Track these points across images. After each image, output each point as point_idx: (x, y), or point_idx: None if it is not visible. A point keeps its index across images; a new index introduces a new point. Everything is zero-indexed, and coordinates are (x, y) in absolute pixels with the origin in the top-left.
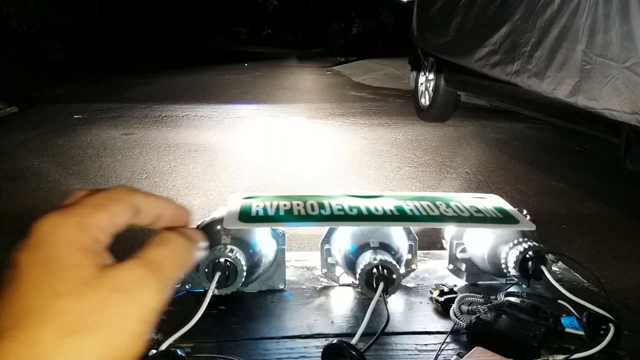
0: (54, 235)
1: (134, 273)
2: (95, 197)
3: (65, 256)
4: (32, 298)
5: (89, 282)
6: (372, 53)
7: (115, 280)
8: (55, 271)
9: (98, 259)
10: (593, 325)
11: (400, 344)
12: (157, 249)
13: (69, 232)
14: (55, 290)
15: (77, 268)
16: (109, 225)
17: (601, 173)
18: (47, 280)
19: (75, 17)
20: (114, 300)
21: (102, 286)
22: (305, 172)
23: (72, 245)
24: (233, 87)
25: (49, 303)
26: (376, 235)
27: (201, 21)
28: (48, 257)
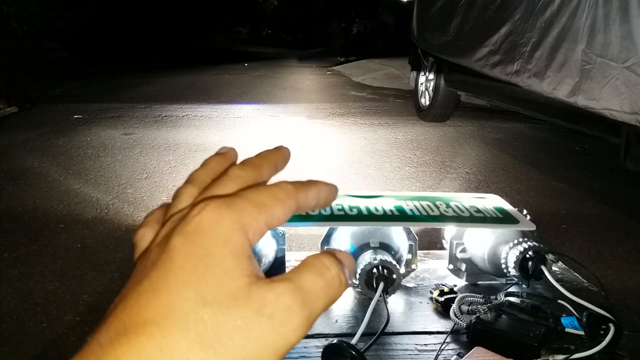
0: (212, 230)
1: (284, 299)
2: (261, 194)
3: (220, 257)
4: (178, 297)
5: (237, 296)
6: (372, 53)
7: (262, 302)
8: (207, 272)
9: (249, 267)
10: (593, 325)
11: (400, 344)
12: (312, 278)
13: (227, 230)
14: (204, 297)
15: (229, 275)
16: (264, 228)
17: (601, 173)
18: (198, 281)
19: (75, 17)
20: (257, 324)
21: (249, 305)
22: (305, 172)
23: (229, 246)
24: (233, 87)
25: (194, 309)
26: (376, 235)
27: (201, 21)
28: (203, 253)
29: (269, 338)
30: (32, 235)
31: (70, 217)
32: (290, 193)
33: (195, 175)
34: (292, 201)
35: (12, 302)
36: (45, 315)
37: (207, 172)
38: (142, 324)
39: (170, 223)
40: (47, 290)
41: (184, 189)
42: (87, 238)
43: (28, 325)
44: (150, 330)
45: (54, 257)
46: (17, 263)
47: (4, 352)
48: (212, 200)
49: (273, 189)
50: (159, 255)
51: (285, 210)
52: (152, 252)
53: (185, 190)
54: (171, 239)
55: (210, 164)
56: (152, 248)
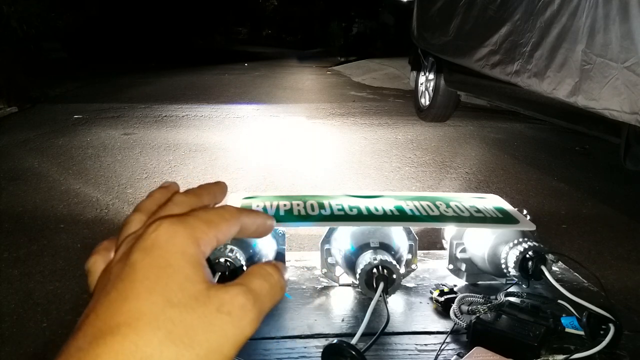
0: (169, 243)
1: (238, 299)
2: (208, 213)
3: (179, 266)
4: (147, 301)
5: (199, 298)
6: (372, 53)
7: (221, 301)
8: (169, 280)
9: (205, 275)
10: (593, 325)
11: (400, 344)
12: (259, 281)
13: (183, 243)
14: (169, 299)
15: (189, 281)
16: (214, 242)
17: (601, 173)
18: (162, 287)
19: (75, 17)
20: (218, 320)
21: (209, 304)
22: (305, 172)
23: (186, 257)
24: (233, 87)
25: (162, 310)
26: (376, 235)
27: (201, 21)
28: (164, 264)
29: (229, 331)
30: (32, 235)
31: (70, 217)
32: (234, 214)
33: (141, 205)
34: (235, 220)
35: (12, 302)
36: (45, 315)
37: (152, 202)
38: (117, 326)
39: (125, 243)
40: (47, 290)
41: (133, 217)
42: (87, 238)
43: (28, 325)
44: (124, 331)
45: (54, 257)
46: (17, 263)
47: (4, 352)
48: (166, 218)
49: (219, 209)
50: (122, 269)
51: (230, 228)
52: (114, 268)
53: (134, 217)
54: (131, 254)
55: (155, 194)
56: (112, 266)
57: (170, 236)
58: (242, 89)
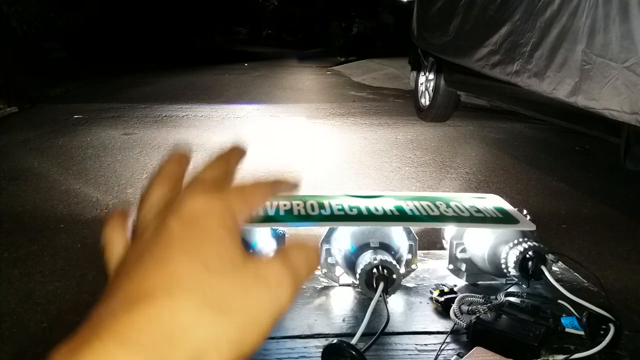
0: (207, 215)
1: (275, 268)
2: (244, 187)
3: (218, 235)
4: (184, 266)
5: (237, 265)
6: (372, 53)
7: (258, 269)
8: (208, 247)
9: (241, 245)
10: (593, 325)
11: (400, 344)
12: (296, 254)
13: (221, 214)
14: (206, 264)
15: (227, 249)
16: (247, 216)
17: (601, 173)
18: (200, 253)
19: (75, 17)
20: (255, 287)
21: (247, 272)
22: (305, 172)
23: (224, 228)
24: (233, 87)
25: (199, 275)
26: (376, 235)
27: (201, 21)
28: (202, 233)
29: (265, 301)
30: (32, 235)
31: (70, 217)
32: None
33: (160, 174)
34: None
35: (12, 302)
36: (45, 315)
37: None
38: (152, 290)
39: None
40: (47, 290)
41: (153, 190)
42: (87, 238)
43: (28, 325)
44: (160, 296)
45: (54, 257)
46: (17, 263)
47: (4, 352)
48: (202, 192)
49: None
50: (157, 234)
51: (263, 201)
52: (146, 233)
53: (155, 190)
54: (166, 223)
55: (169, 167)
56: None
57: (208, 208)
58: (242, 89)
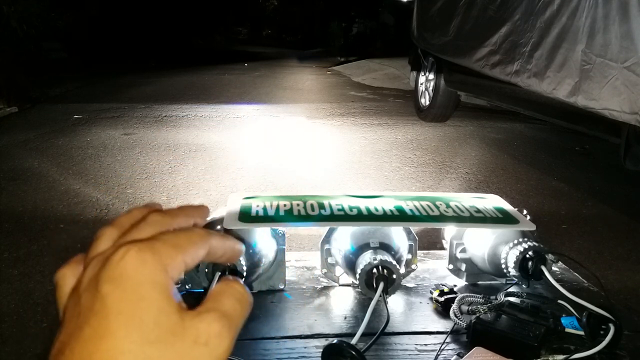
0: (138, 273)
1: (214, 327)
2: (177, 236)
3: (152, 299)
4: (124, 340)
5: (175, 331)
6: (372, 53)
7: (198, 333)
8: (144, 315)
9: (176, 303)
10: (593, 325)
11: (400, 344)
12: (230, 302)
13: (152, 272)
14: (146, 336)
15: (163, 313)
16: (182, 268)
17: (601, 173)
18: (138, 323)
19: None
20: (196, 353)
21: (186, 337)
22: (305, 172)
23: (157, 288)
24: (233, 87)
25: (141, 349)
26: (376, 235)
27: (201, 21)
28: (136, 297)
29: None
30: (32, 235)
31: (70, 217)
32: (204, 237)
33: (117, 220)
34: (204, 244)
35: (12, 302)
36: (45, 315)
37: (129, 218)
38: None
39: (92, 266)
40: (47, 290)
41: (105, 231)
42: (87, 238)
43: (28, 325)
44: None
45: (54, 257)
46: (17, 263)
47: (4, 352)
48: (133, 244)
49: (187, 232)
50: (92, 302)
51: (199, 251)
52: (82, 297)
53: (106, 232)
54: (100, 285)
55: (134, 212)
56: (80, 292)
57: (138, 265)
58: (242, 89)
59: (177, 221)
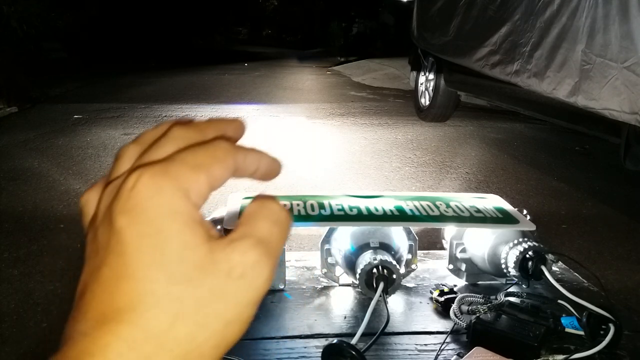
0: (154, 203)
1: (250, 256)
2: (197, 154)
3: (173, 232)
4: (146, 280)
5: (204, 267)
6: (372, 53)
7: (231, 265)
8: (166, 251)
9: (203, 232)
10: (593, 325)
11: (400, 344)
12: (267, 226)
13: (171, 200)
14: (171, 275)
15: (188, 248)
16: (207, 190)
17: (601, 173)
18: (160, 261)
19: (75, 17)
20: (231, 287)
21: (218, 271)
22: (305, 172)
23: (177, 218)
24: (233, 87)
25: (166, 288)
26: (376, 235)
27: (201, 21)
28: (154, 231)
29: (244, 297)
30: (32, 235)
31: (70, 217)
32: (229, 151)
33: (141, 136)
34: (230, 160)
35: (12, 302)
36: (45, 315)
37: (153, 134)
38: (119, 311)
39: (107, 194)
40: (47, 290)
41: (126, 150)
42: None
43: (28, 325)
44: (129, 317)
45: (54, 257)
46: (17, 263)
47: (4, 352)
48: (146, 168)
49: (209, 147)
50: (108, 237)
51: (224, 169)
52: (98, 231)
53: (127, 150)
54: (113, 218)
55: (161, 126)
56: (97, 225)
57: (153, 193)
58: (242, 89)
59: (205, 135)
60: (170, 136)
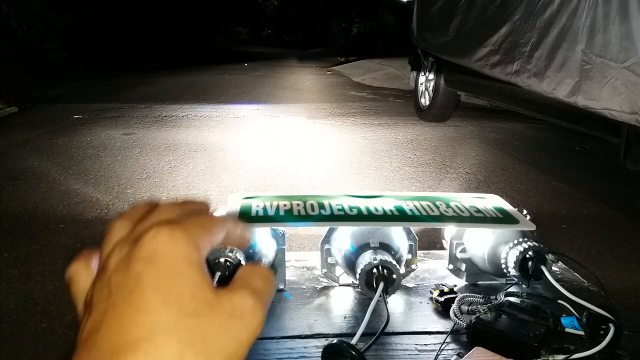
0: (172, 251)
1: (248, 301)
2: (201, 218)
3: (187, 274)
4: (163, 313)
5: (212, 304)
6: (372, 53)
7: (233, 307)
8: (181, 289)
9: (209, 280)
10: (593, 325)
11: (400, 344)
12: (260, 281)
13: (185, 250)
14: (184, 309)
15: (199, 288)
16: (209, 247)
17: (601, 173)
18: (176, 297)
19: (75, 17)
20: (233, 325)
21: (222, 311)
22: (305, 172)
23: (191, 264)
24: (233, 87)
25: (179, 321)
26: (376, 235)
27: (201, 21)
28: (172, 273)
29: (243, 335)
30: (32, 235)
31: (70, 217)
32: (222, 220)
33: (125, 214)
34: (224, 226)
35: (12, 302)
36: (45, 315)
37: (136, 211)
38: (134, 341)
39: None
40: (47, 290)
41: (117, 224)
42: (87, 238)
43: (28, 325)
44: (144, 347)
45: (54, 257)
46: (17, 263)
47: (4, 352)
48: (164, 225)
49: (208, 215)
50: (125, 280)
51: (221, 232)
52: (112, 279)
53: (119, 224)
54: (132, 264)
55: (138, 206)
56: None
57: (171, 243)
58: (242, 89)
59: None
60: (161, 210)
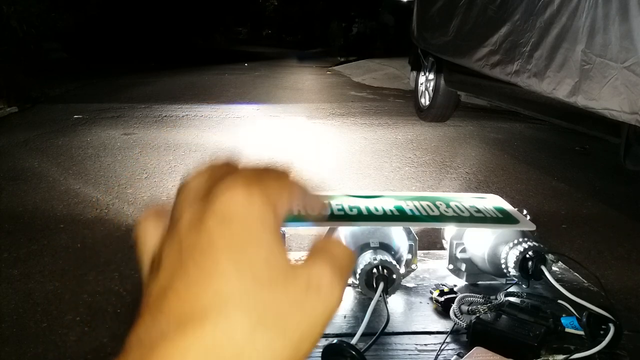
0: (247, 210)
1: (326, 274)
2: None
3: (262, 239)
4: (233, 281)
5: (287, 275)
6: (372, 53)
7: (310, 278)
8: (255, 255)
9: (284, 246)
10: (593, 325)
11: (400, 344)
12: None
13: (261, 211)
14: (257, 277)
15: (273, 255)
16: (286, 210)
17: (601, 173)
18: (249, 263)
19: (75, 17)
20: (309, 299)
21: (298, 282)
22: (305, 172)
23: (267, 227)
24: (233, 87)
25: (252, 290)
26: (376, 235)
27: (201, 21)
28: (246, 236)
29: (319, 310)
30: (32, 235)
31: (70, 217)
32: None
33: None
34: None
35: (12, 302)
36: (45, 315)
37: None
38: (203, 310)
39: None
40: (47, 290)
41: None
42: (87, 238)
43: (28, 325)
44: (213, 317)
45: (54, 257)
46: (17, 263)
47: (4, 352)
48: (239, 181)
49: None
50: (197, 238)
51: (299, 192)
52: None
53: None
54: (205, 221)
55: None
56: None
57: (247, 202)
58: (242, 89)
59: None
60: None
